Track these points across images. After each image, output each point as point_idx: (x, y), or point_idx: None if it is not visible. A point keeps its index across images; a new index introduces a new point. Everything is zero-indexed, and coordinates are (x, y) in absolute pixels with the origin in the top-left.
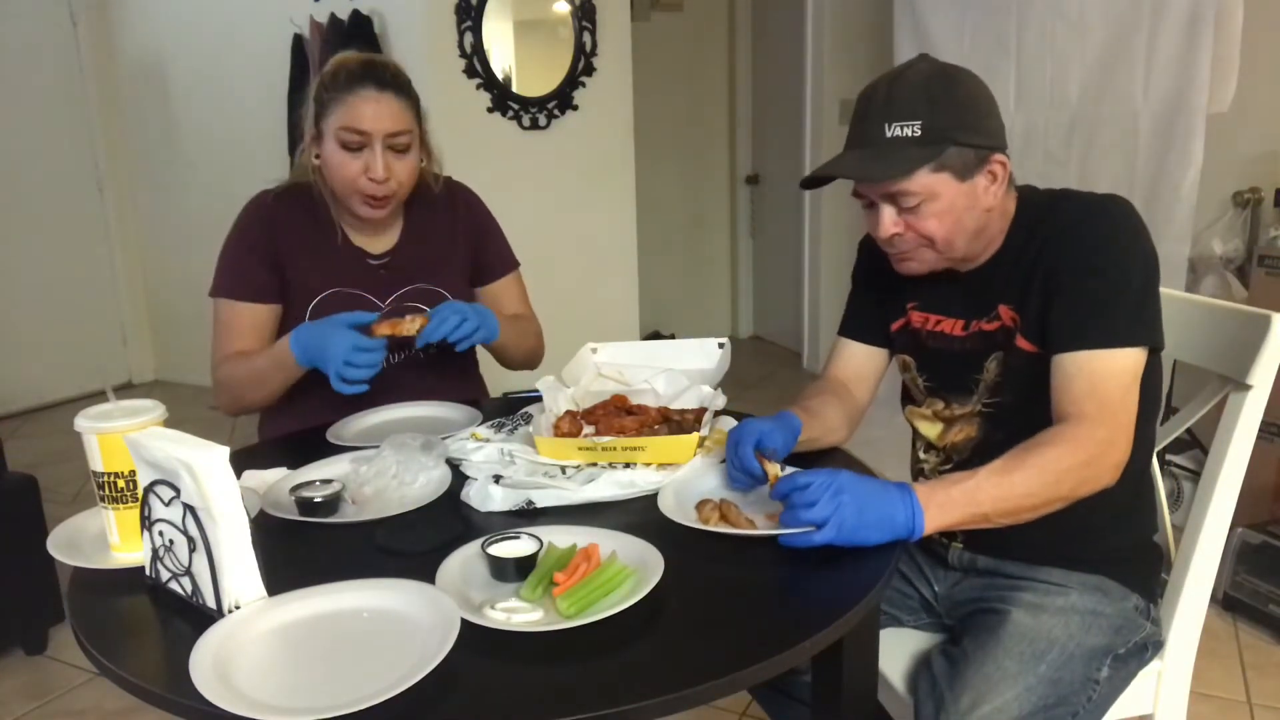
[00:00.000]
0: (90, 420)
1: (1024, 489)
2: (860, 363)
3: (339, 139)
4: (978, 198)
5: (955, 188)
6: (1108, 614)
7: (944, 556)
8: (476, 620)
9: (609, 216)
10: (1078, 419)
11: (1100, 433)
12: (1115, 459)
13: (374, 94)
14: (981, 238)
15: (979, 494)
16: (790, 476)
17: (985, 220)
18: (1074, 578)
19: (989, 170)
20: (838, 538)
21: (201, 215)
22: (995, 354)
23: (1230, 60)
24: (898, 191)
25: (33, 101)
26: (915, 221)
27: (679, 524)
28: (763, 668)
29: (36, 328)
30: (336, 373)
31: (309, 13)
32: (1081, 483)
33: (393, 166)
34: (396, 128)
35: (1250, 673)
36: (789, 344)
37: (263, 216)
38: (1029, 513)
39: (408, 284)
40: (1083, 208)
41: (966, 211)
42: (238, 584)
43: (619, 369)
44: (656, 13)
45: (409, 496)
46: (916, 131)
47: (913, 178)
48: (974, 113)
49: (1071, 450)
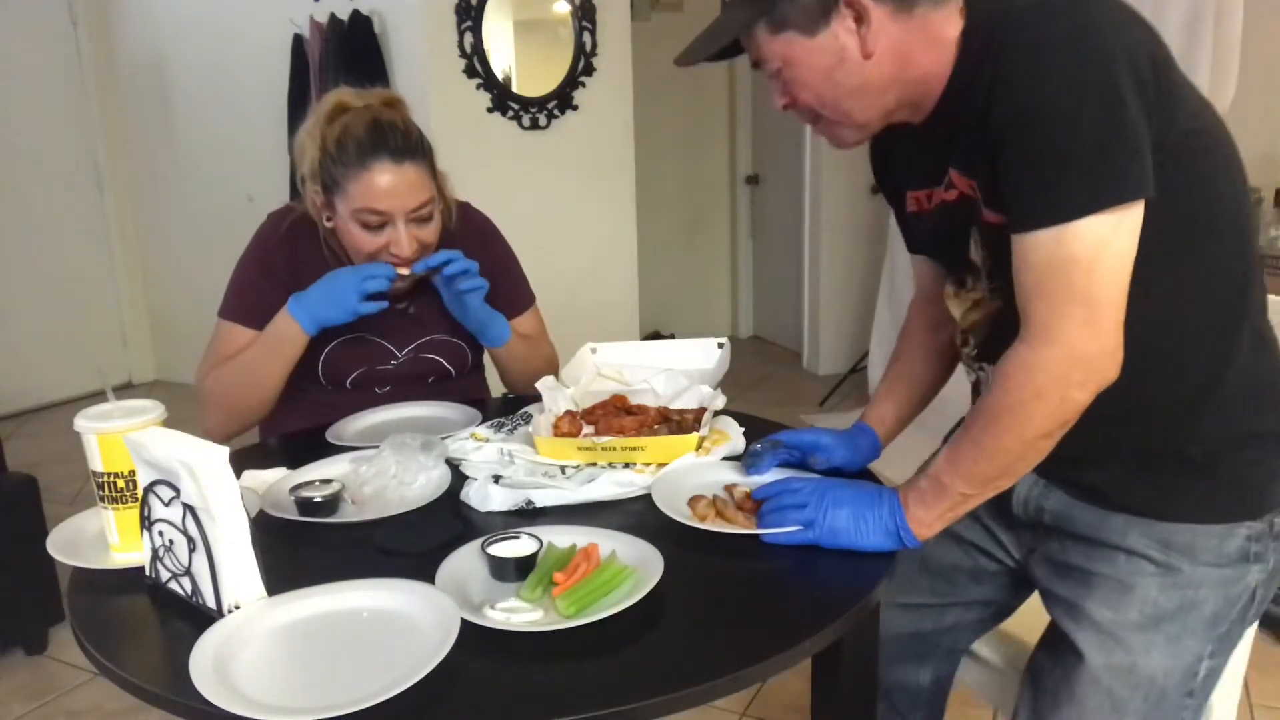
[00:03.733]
0: (90, 420)
1: (977, 455)
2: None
3: (358, 220)
4: (846, 48)
5: (808, 46)
6: (1201, 599)
7: (1009, 512)
8: (476, 620)
9: (609, 217)
10: (1027, 329)
11: (1048, 351)
12: (1080, 375)
13: (389, 167)
14: (896, 89)
15: (942, 476)
16: (782, 480)
17: (877, 69)
18: (1154, 544)
19: (845, 11)
20: (820, 539)
21: (202, 216)
22: (970, 228)
23: (1230, 60)
24: (757, 60)
25: (33, 101)
26: (791, 90)
27: (678, 523)
28: (762, 667)
29: (36, 328)
30: (358, 290)
31: (309, 13)
32: (1050, 412)
33: (417, 236)
34: (418, 201)
35: (1250, 672)
36: (789, 344)
37: (285, 241)
38: (1010, 474)
39: (425, 334)
40: (1021, 24)
41: (835, 69)
42: (238, 584)
43: (618, 369)
44: (656, 13)
45: (409, 496)
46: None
47: (757, 45)
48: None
49: (1008, 389)
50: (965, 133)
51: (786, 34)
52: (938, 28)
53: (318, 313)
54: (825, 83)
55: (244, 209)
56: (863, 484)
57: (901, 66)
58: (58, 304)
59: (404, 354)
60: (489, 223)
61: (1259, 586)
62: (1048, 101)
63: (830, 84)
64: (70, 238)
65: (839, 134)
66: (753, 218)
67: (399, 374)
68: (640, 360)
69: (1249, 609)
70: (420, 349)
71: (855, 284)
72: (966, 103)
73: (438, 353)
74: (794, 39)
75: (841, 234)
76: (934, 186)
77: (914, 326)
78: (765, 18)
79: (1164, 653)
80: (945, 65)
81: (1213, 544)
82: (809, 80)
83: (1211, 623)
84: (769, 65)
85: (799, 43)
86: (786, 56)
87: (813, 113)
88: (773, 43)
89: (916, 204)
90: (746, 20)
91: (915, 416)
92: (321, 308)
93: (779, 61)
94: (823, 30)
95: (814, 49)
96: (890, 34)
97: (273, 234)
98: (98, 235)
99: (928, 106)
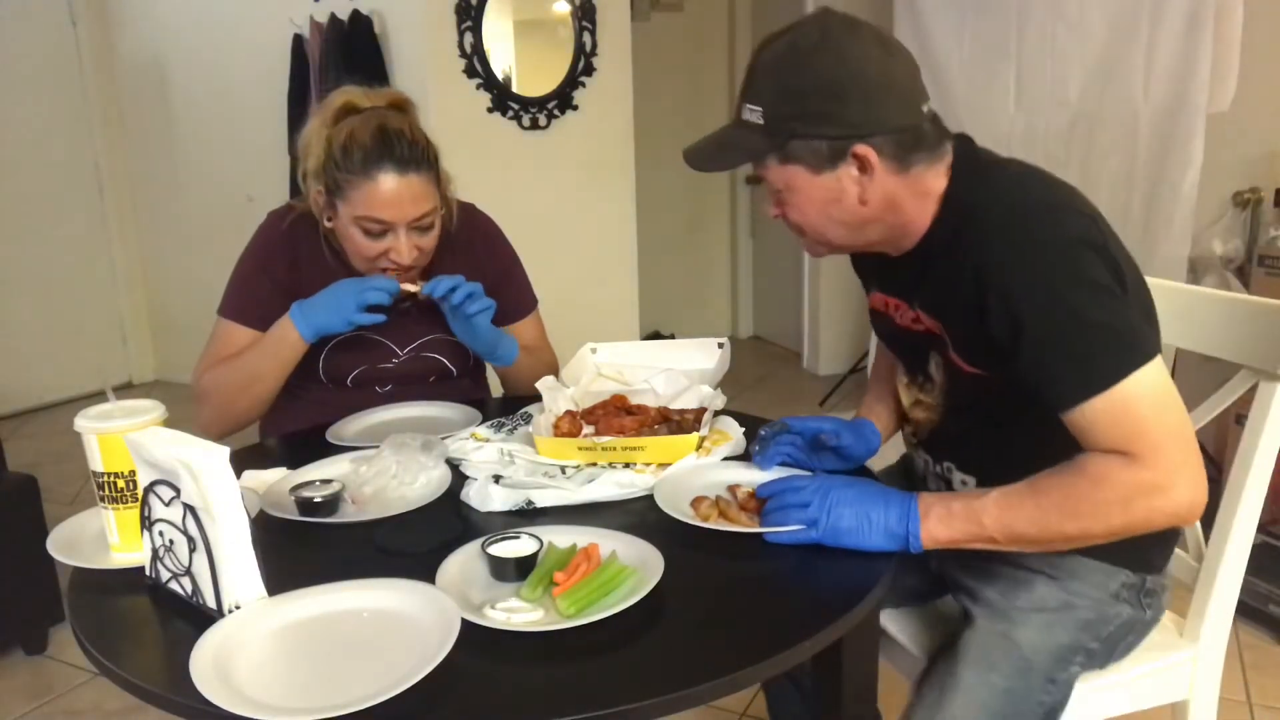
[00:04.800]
0: (90, 420)
1: (1030, 519)
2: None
3: (359, 226)
4: (846, 191)
5: (811, 181)
6: (1079, 606)
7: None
8: (476, 620)
9: (609, 216)
10: (1123, 456)
11: (1143, 474)
12: (1172, 500)
13: (394, 177)
14: (877, 226)
15: (983, 514)
16: (786, 479)
17: (869, 212)
18: (1047, 564)
19: (852, 160)
20: (824, 538)
21: (201, 215)
22: (933, 355)
23: (1230, 60)
24: (760, 177)
25: (33, 102)
26: (784, 210)
27: (679, 523)
28: (762, 667)
29: (36, 328)
30: (358, 301)
31: (309, 13)
32: (1126, 526)
33: (417, 244)
34: (420, 212)
35: (1250, 673)
36: (789, 344)
37: (285, 240)
38: (1042, 545)
39: (426, 334)
40: (1004, 233)
41: (832, 205)
42: (238, 584)
43: (619, 369)
44: (656, 13)
45: (409, 496)
46: (759, 119)
47: (765, 168)
48: (827, 100)
49: (1096, 486)
50: (937, 282)
51: (795, 166)
52: (927, 183)
53: (316, 320)
54: (819, 214)
55: (244, 209)
56: (867, 483)
57: (889, 211)
58: (58, 304)
59: (405, 353)
60: (493, 225)
61: (1127, 626)
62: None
63: (823, 216)
64: (70, 238)
65: (816, 249)
66: (753, 218)
67: (400, 373)
68: (640, 360)
69: (1119, 640)
70: (422, 348)
71: (855, 284)
72: (943, 257)
73: (439, 352)
74: (799, 172)
75: None
76: (903, 303)
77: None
78: (778, 152)
79: (1036, 632)
80: (927, 216)
81: (1096, 577)
82: (804, 208)
83: (1084, 626)
84: (771, 185)
85: (803, 176)
86: (789, 184)
87: (799, 229)
88: (780, 170)
89: (885, 306)
90: (760, 150)
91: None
92: (320, 315)
93: (781, 185)
94: (827, 172)
95: (816, 184)
96: (886, 185)
97: (273, 232)
98: (98, 235)
99: (905, 245)
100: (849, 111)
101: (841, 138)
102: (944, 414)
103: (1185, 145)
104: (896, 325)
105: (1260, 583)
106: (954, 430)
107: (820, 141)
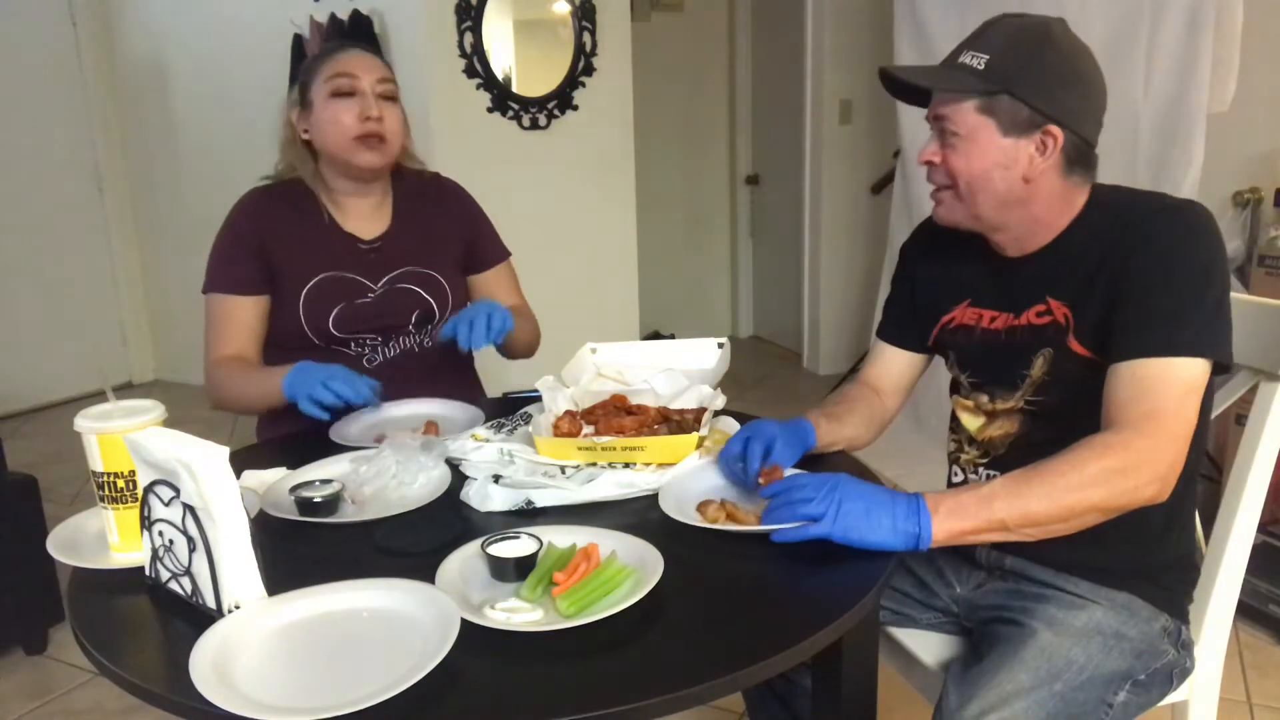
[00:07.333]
0: (90, 420)
1: (1043, 494)
2: (899, 369)
3: (331, 87)
4: (1018, 162)
5: (996, 139)
6: (1132, 637)
7: (971, 554)
8: (476, 620)
9: (609, 216)
10: (1119, 425)
11: (1140, 441)
12: (1158, 470)
13: (357, 52)
14: (1019, 212)
15: (994, 500)
16: (789, 477)
17: (1024, 192)
18: (1102, 593)
19: (1040, 139)
20: (833, 532)
21: (201, 215)
22: (1044, 350)
23: (1230, 60)
24: (942, 115)
25: (33, 101)
26: (949, 155)
27: (678, 523)
28: (763, 667)
29: (36, 328)
30: (308, 394)
31: (309, 13)
32: (1118, 493)
33: (385, 111)
34: (382, 74)
35: (1250, 673)
36: (789, 344)
37: (249, 209)
38: (1056, 524)
39: (399, 266)
40: (1162, 214)
41: (1000, 169)
42: (238, 584)
43: (618, 369)
44: (656, 13)
45: (409, 496)
46: (980, 65)
47: (957, 107)
48: (1050, 77)
49: (1100, 454)
50: (1073, 274)
51: (989, 119)
52: (1074, 194)
53: (292, 386)
54: (983, 172)
55: None
56: (872, 484)
57: (1038, 201)
58: (58, 304)
59: (380, 285)
60: (459, 185)
61: (1170, 666)
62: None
63: (985, 176)
64: (70, 238)
65: (953, 208)
66: (753, 218)
67: (380, 310)
68: (640, 360)
69: (1164, 680)
70: (396, 280)
71: (855, 284)
72: (1083, 252)
73: (414, 283)
74: (989, 125)
75: (841, 234)
76: (1008, 311)
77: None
78: (984, 98)
79: (1094, 652)
80: (1062, 222)
81: (1144, 613)
82: (974, 161)
83: (1136, 655)
84: (950, 125)
85: (990, 130)
86: (972, 132)
87: (950, 179)
88: (972, 115)
89: (977, 319)
90: (969, 89)
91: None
92: (296, 384)
93: (963, 130)
94: (1013, 137)
95: (996, 144)
96: (1049, 176)
97: (239, 210)
98: (98, 235)
99: (1025, 244)
100: (1067, 98)
101: (1046, 115)
102: (1025, 420)
103: (1185, 145)
104: (988, 335)
105: (1260, 583)
106: (1036, 436)
107: (1025, 107)
